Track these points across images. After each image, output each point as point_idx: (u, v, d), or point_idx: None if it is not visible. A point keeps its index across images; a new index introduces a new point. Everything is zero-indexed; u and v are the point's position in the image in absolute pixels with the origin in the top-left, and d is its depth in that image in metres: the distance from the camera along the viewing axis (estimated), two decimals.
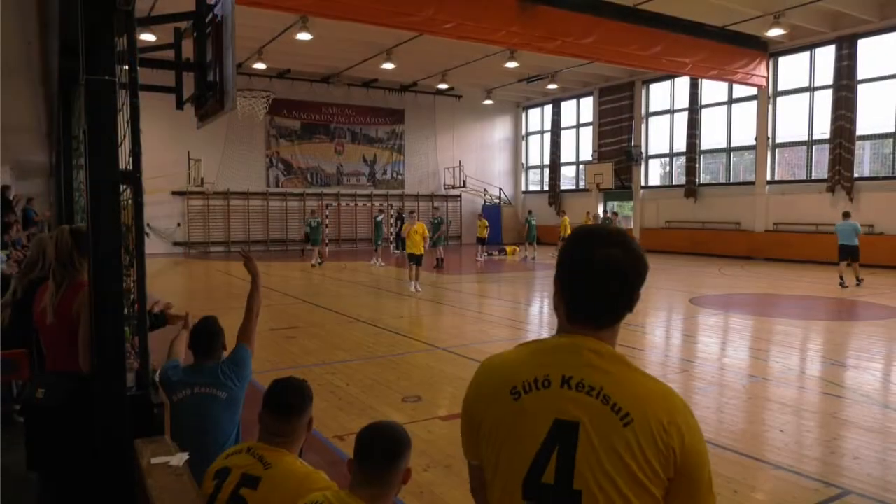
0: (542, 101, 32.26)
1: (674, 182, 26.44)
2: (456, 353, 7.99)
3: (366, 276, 17.04)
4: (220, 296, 14.22)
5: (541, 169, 33.39)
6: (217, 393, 3.17)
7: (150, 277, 3.34)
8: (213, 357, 3.32)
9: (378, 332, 9.37)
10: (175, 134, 23.88)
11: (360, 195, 29.59)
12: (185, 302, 12.97)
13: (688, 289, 14.42)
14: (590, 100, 29.57)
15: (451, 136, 31.75)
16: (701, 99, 24.56)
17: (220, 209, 26.70)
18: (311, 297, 13.19)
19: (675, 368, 7.40)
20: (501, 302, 12.98)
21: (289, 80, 27.26)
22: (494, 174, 33.11)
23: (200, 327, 3.38)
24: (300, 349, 8.27)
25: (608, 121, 28.22)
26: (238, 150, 26.75)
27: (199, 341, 3.33)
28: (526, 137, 33.87)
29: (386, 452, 2.03)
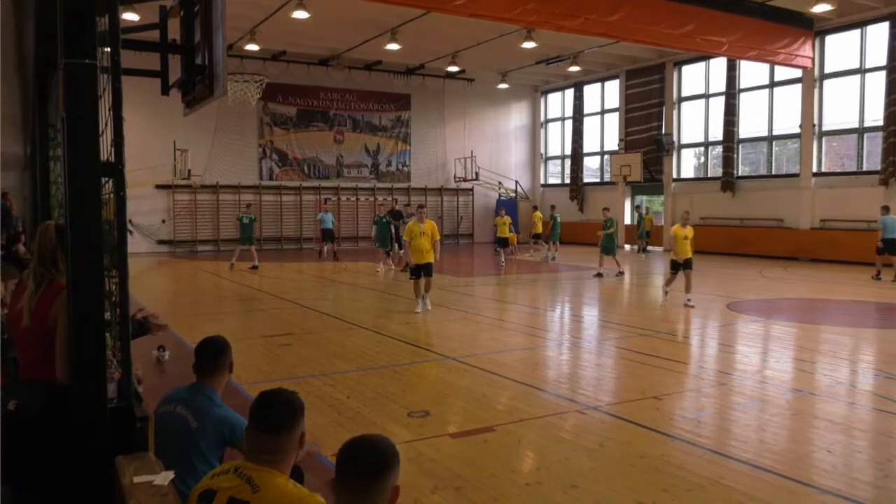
0: (562, 85, 32.17)
1: (709, 174, 26.30)
2: (468, 363, 7.98)
3: (368, 279, 17.07)
4: (208, 299, 14.28)
5: (561, 160, 33.32)
6: (189, 419, 3.18)
7: (132, 279, 3.37)
8: (215, 379, 3.33)
9: (382, 340, 9.38)
10: (160, 122, 24.00)
11: (362, 189, 29.66)
12: (171, 307, 13.04)
13: (725, 293, 14.34)
14: (615, 83, 29.47)
15: (462, 124, 31.75)
16: (739, 82, 24.43)
17: (209, 204, 26.84)
18: (307, 301, 13.22)
19: (710, 381, 7.36)
20: (518, 307, 12.96)
21: (284, 63, 27.36)
22: (510, 166, 33.08)
23: (203, 345, 3.40)
24: (295, 358, 8.29)
25: (636, 106, 28.12)
26: (228, 140, 26.89)
27: (201, 361, 3.34)
28: (545, 125, 33.81)
29: (371, 468, 2.02)
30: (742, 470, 4.83)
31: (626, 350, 8.77)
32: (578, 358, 8.56)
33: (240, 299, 13.89)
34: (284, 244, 27.95)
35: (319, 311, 12.02)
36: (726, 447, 5.29)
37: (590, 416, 6.02)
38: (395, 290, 15.24)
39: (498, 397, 6.70)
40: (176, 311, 12.18)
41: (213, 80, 4.11)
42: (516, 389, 6.93)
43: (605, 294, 15.01)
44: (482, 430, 5.61)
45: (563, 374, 7.77)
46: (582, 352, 8.88)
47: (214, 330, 10.09)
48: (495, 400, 6.59)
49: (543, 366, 8.16)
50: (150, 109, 22.37)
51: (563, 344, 9.52)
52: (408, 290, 14.93)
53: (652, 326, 10.46)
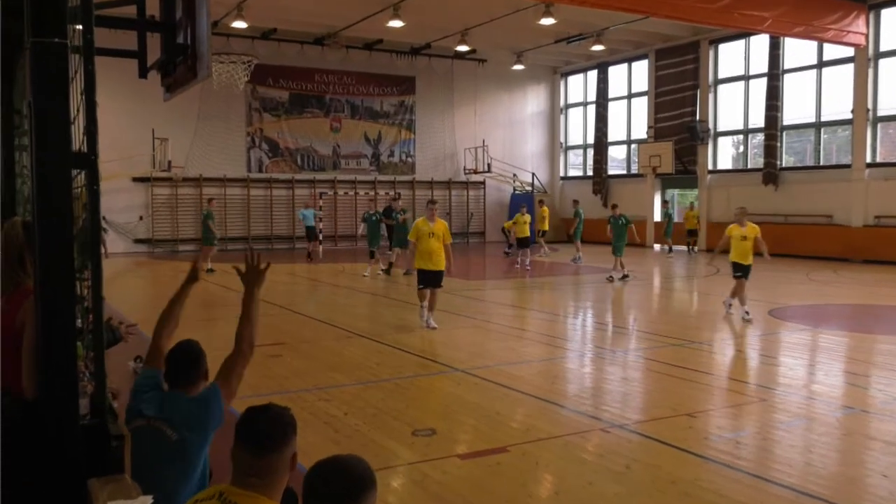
0: (584, 67, 32.14)
1: (749, 165, 26.21)
2: (478, 376, 7.98)
3: (367, 282, 17.09)
4: (191, 305, 14.24)
5: (583, 149, 33.27)
6: (166, 430, 3.19)
7: (106, 282, 3.39)
8: (189, 388, 3.35)
9: (383, 350, 9.39)
10: (137, 108, 24.11)
11: (362, 182, 29.72)
12: (149, 313, 13.05)
13: (767, 298, 14.28)
14: (644, 64, 29.41)
15: (472, 110, 31.76)
16: (783, 62, 24.33)
17: (192, 199, 26.96)
18: (300, 307, 13.26)
19: (751, 397, 7.33)
20: (535, 313, 12.95)
21: (275, 42, 27.45)
22: (526, 156, 33.08)
23: (176, 352, 3.41)
24: (287, 370, 8.32)
25: (667, 90, 28.06)
26: (213, 128, 27.00)
27: (174, 368, 3.35)
28: (565, 111, 33.78)
29: (343, 495, 1.97)
30: (786, 496, 4.81)
31: (656, 362, 8.74)
32: (602, 370, 8.55)
33: (225, 305, 13.93)
34: (275, 243, 28.04)
35: (313, 317, 12.05)
36: (768, 470, 5.27)
37: (615, 436, 6.01)
38: (398, 294, 15.25)
39: (512, 414, 6.69)
40: (155, 318, 12.19)
41: (195, 61, 4.13)
42: (533, 405, 6.93)
43: (632, 300, 14.95)
44: (495, 451, 5.61)
45: (585, 388, 7.76)
46: (606, 363, 8.86)
47: (197, 337, 10.03)
48: (509, 417, 6.59)
49: (563, 379, 8.15)
50: (126, 94, 22.41)
51: (586, 355, 9.51)
52: (412, 294, 14.93)
53: (685, 335, 10.44)
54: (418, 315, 11.21)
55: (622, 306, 14.15)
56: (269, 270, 3.65)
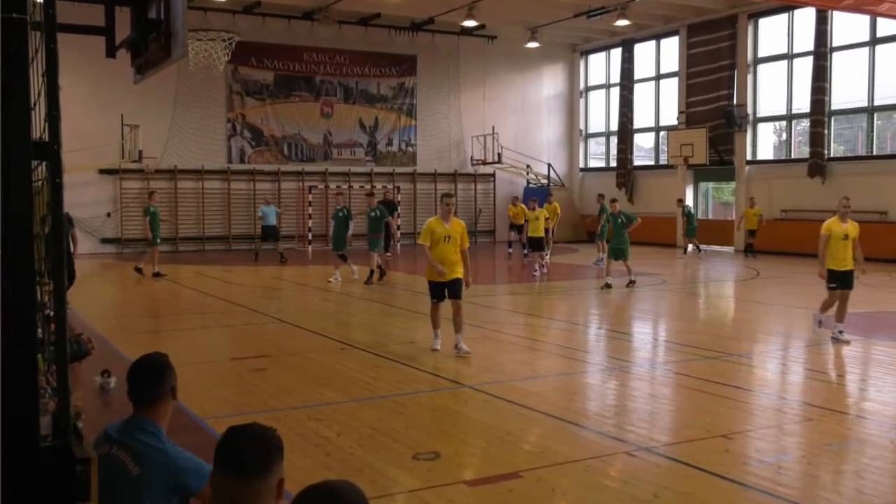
0: (607, 44, 32.13)
1: (792, 155, 26.17)
2: (488, 392, 7.99)
3: (362, 288, 17.10)
4: (165, 312, 14.37)
5: (605, 138, 33.24)
6: (127, 463, 3.18)
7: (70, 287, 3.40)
8: (156, 409, 3.34)
9: (380, 363, 9.41)
10: (105, 92, 24.16)
11: (356, 174, 29.76)
12: (117, 321, 13.14)
13: (812, 305, 14.26)
14: (674, 41, 29.39)
15: (480, 93, 31.79)
16: (831, 39, 24.29)
17: (166, 193, 27.00)
18: (286, 315, 13.28)
19: (794, 416, 7.32)
20: (552, 322, 12.95)
21: (258, 17, 27.53)
22: (541, 145, 33.08)
23: (139, 367, 3.40)
24: (273, 386, 8.33)
25: (700, 70, 28.04)
26: (190, 114, 27.07)
27: (137, 386, 3.34)
28: (585, 94, 33.77)
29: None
30: None
31: (688, 376, 8.74)
32: (627, 386, 8.54)
33: (203, 312, 13.97)
34: (259, 243, 28.02)
35: (301, 326, 12.07)
36: (814, 498, 5.26)
37: (641, 460, 6.01)
38: (396, 300, 15.26)
39: (526, 435, 6.69)
40: (124, 326, 12.27)
41: (170, 38, 4.15)
42: (549, 425, 6.93)
43: (660, 307, 14.93)
44: (506, 477, 5.61)
45: (607, 406, 7.76)
46: (632, 378, 8.86)
47: (172, 349, 10.04)
48: (522, 438, 6.59)
49: (583, 396, 8.15)
50: (92, 76, 22.49)
51: (608, 369, 9.50)
52: (412, 300, 14.93)
53: (720, 347, 10.42)
54: (433, 342, 10.07)
55: (649, 314, 14.13)
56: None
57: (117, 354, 9.40)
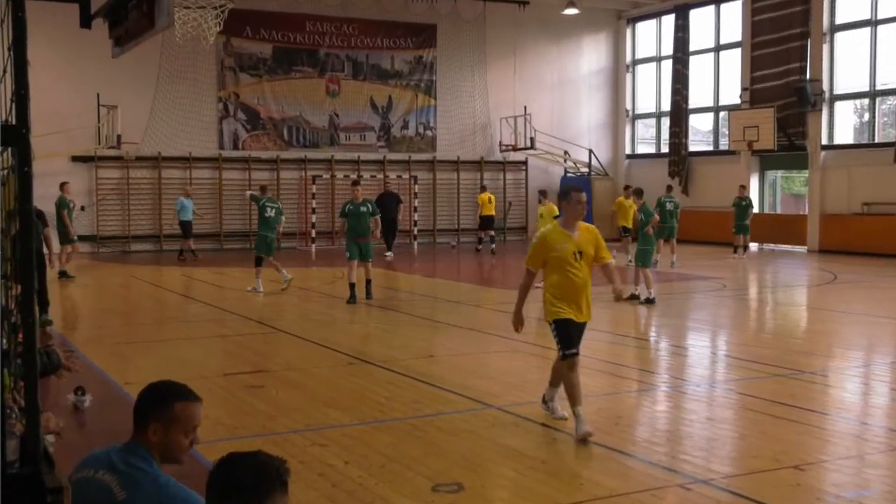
0: (658, 10, 31.97)
1: (876, 139, 25.90)
2: (518, 414, 7.97)
3: (375, 293, 17.10)
4: (147, 320, 14.45)
5: (656, 119, 33.04)
6: (115, 489, 3.21)
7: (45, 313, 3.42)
8: (142, 433, 3.37)
9: (394, 381, 9.40)
10: (78, 67, 24.33)
11: (367, 162, 29.79)
12: (94, 331, 13.23)
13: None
14: (737, 5, 29.19)
15: (510, 68, 31.72)
16: None
17: (148, 184, 27.21)
18: (286, 324, 13.31)
19: (877, 444, 7.25)
20: (593, 333, 12.87)
21: None
22: (581, 128, 32.97)
23: (148, 391, 3.43)
24: (271, 405, 8.36)
25: (767, 40, 27.79)
26: (176, 93, 27.21)
27: (138, 410, 3.38)
28: (632, 68, 33.59)
29: None
30: None
31: (753, 397, 8.67)
32: (682, 408, 8.50)
33: (190, 321, 14.03)
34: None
35: (304, 337, 12.09)
36: None
37: (698, 494, 5.97)
38: (410, 308, 15.25)
39: (563, 464, 6.67)
40: (100, 337, 12.35)
41: (153, 5, 4.17)
42: (590, 453, 6.90)
43: (721, 316, 14.83)
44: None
45: (658, 431, 7.71)
46: (687, 399, 8.81)
47: (155, 363, 10.21)
48: (559, 468, 6.57)
49: (630, 419, 8.11)
50: (64, 49, 22.71)
51: (659, 388, 9.45)
52: (429, 309, 14.90)
53: (791, 363, 10.34)
54: (544, 403, 7.90)
55: (707, 325, 14.05)
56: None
57: (93, 369, 9.46)
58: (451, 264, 25.37)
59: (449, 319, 13.83)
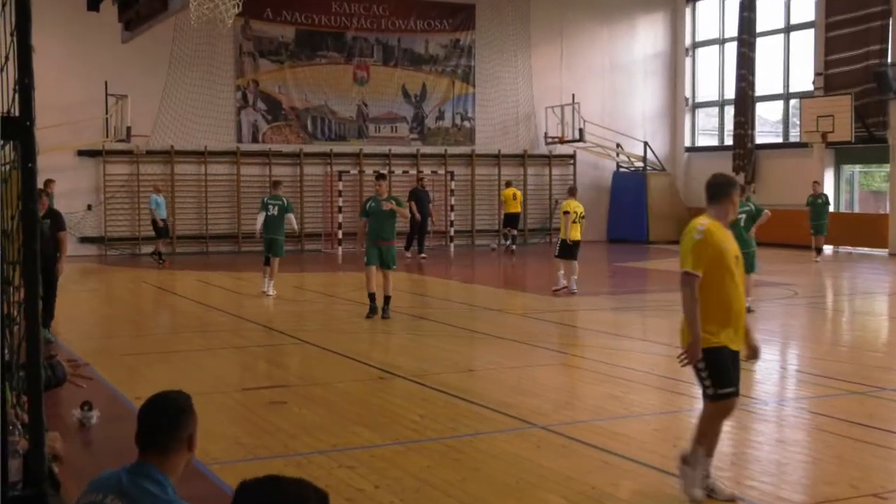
0: None
1: None
2: (566, 435, 7.94)
3: (403, 299, 17.14)
4: (158, 329, 14.56)
5: (719, 108, 32.80)
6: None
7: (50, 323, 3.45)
8: (167, 458, 3.38)
9: (429, 397, 9.39)
10: (85, 54, 24.59)
11: (399, 156, 29.83)
12: (101, 341, 13.35)
13: None
14: None
15: (556, 52, 31.64)
16: None
17: (160, 181, 27.31)
18: (310, 334, 13.34)
19: None
20: (649, 345, 12.80)
21: None
22: (635, 118, 32.85)
23: (153, 406, 3.44)
24: (294, 424, 8.38)
25: (844, 19, 27.52)
26: (190, 81, 27.43)
27: (147, 429, 3.39)
28: (692, 52, 33.38)
29: None
30: None
31: (827, 417, 8.58)
32: (748, 429, 8.41)
33: (206, 330, 14.10)
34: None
35: (330, 349, 12.12)
36: None
37: None
38: (445, 316, 15.24)
39: (615, 490, 6.63)
40: (108, 348, 12.45)
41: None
42: (645, 478, 6.87)
43: (791, 326, 14.69)
44: None
45: (722, 454, 7.63)
46: (754, 419, 8.72)
47: (167, 376, 10.26)
48: (611, 495, 6.53)
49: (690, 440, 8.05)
50: (70, 35, 22.97)
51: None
52: (465, 317, 14.84)
53: (870, 379, 10.21)
54: (685, 465, 6.41)
55: (776, 336, 13.91)
56: None
57: (101, 382, 9.54)
58: (491, 268, 25.35)
59: (489, 329, 13.80)
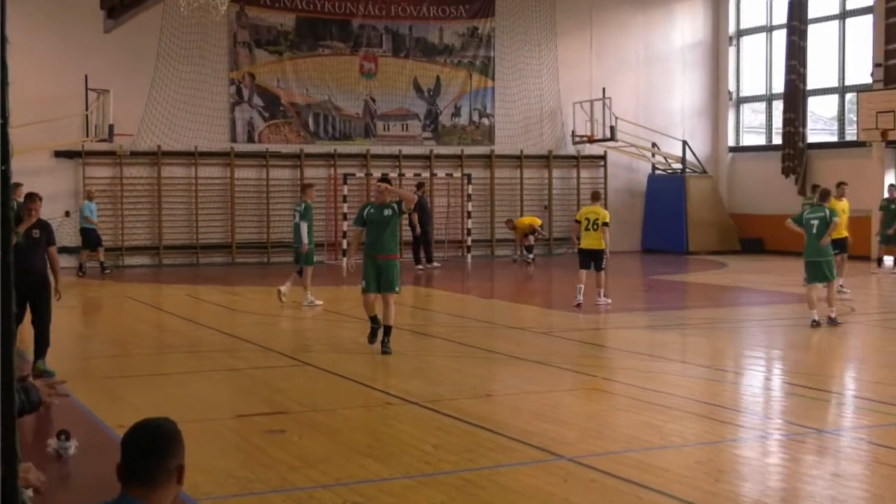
0: None
1: None
2: (596, 468, 7.93)
3: (414, 316, 17.15)
4: (144, 349, 14.60)
5: (766, 103, 32.73)
6: None
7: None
8: (154, 492, 3.41)
9: (444, 425, 9.41)
10: (64, 45, 24.70)
11: (411, 157, 29.85)
12: (77, 362, 13.40)
13: None
14: None
15: (585, 42, 31.66)
16: None
17: (145, 185, 27.52)
18: (312, 356, 13.38)
19: None
20: (688, 368, 12.79)
21: None
22: (673, 115, 32.85)
23: (137, 435, 3.47)
24: (294, 455, 8.39)
25: None
26: (179, 75, 27.53)
27: (131, 460, 3.41)
28: (737, 41, 33.34)
29: None
30: None
31: (889, 448, 8.56)
32: (799, 461, 8.40)
33: (197, 350, 14.13)
34: (273, 254, 28.39)
35: (334, 371, 12.14)
36: None
37: None
38: (460, 335, 15.25)
39: None
40: (88, 370, 12.49)
41: None
42: None
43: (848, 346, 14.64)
44: None
45: (771, 489, 7.64)
46: (805, 450, 8.71)
47: (153, 402, 10.29)
48: None
49: (734, 474, 8.04)
50: (47, 23, 23.07)
51: (771, 435, 9.36)
52: (485, 336, 14.82)
53: None
54: None
55: (831, 357, 13.86)
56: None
57: (79, 408, 9.57)
58: (511, 281, 25.33)
59: (509, 349, 13.80)
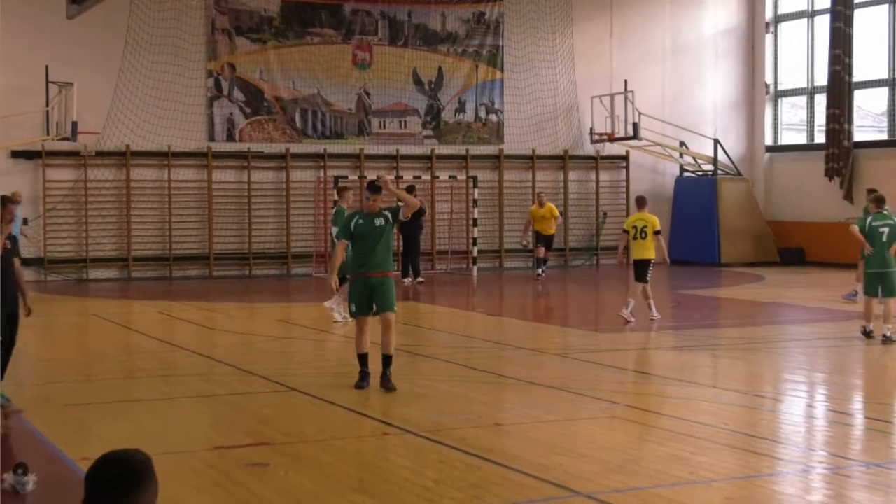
0: None
1: None
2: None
3: (413, 335, 17.12)
4: (110, 374, 14.57)
5: (808, 97, 32.78)
6: None
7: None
8: None
9: (446, 457, 9.37)
10: (22, 32, 24.76)
11: (409, 157, 29.92)
12: (37, 388, 13.37)
13: None
14: None
15: (605, 29, 31.74)
16: None
17: (112, 189, 27.55)
18: (299, 381, 13.34)
19: None
20: (722, 394, 12.75)
21: None
22: (703, 110, 32.94)
23: (104, 468, 3.42)
24: (278, 490, 8.37)
25: None
26: (150, 66, 27.58)
27: (95, 496, 3.37)
28: (774, 27, 33.41)
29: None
30: None
31: None
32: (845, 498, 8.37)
33: (170, 374, 14.12)
34: (255, 267, 28.44)
35: (324, 398, 12.12)
36: None
37: None
38: (464, 357, 15.24)
39: None
40: (49, 396, 12.46)
41: None
42: None
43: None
44: None
45: None
46: (853, 486, 8.67)
47: (122, 432, 10.26)
48: None
49: None
50: (3, 9, 23.03)
51: (814, 469, 9.33)
52: (492, 358, 14.79)
53: None
54: None
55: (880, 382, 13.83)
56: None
57: (38, 439, 9.54)
58: (522, 297, 25.32)
59: (520, 373, 13.80)
